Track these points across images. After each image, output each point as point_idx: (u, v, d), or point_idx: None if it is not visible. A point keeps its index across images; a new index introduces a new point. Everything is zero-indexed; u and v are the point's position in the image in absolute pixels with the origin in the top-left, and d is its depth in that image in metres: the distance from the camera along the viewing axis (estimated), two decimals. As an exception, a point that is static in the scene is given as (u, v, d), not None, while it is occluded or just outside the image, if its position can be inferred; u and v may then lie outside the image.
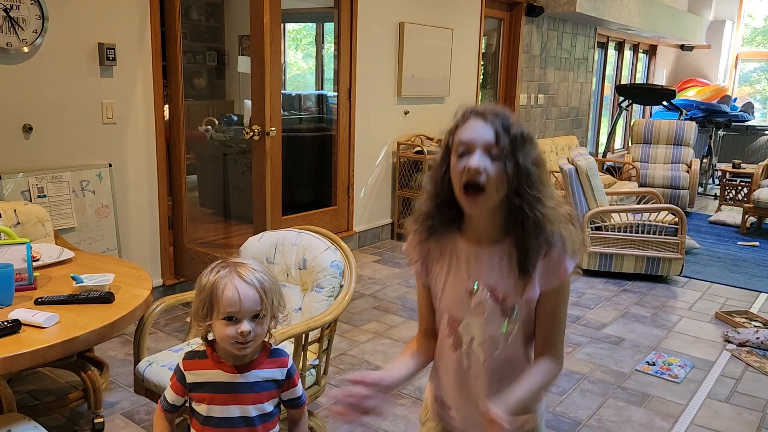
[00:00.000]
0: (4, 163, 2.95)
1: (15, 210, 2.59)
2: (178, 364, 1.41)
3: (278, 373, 1.41)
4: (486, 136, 1.11)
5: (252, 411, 1.37)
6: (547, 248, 1.16)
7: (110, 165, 3.33)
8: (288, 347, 2.02)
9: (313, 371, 2.10)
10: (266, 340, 1.41)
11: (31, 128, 3.01)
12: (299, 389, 1.46)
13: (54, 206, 3.06)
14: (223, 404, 1.36)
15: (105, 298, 1.87)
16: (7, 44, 2.86)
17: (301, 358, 1.98)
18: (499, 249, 1.20)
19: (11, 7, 2.85)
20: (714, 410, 2.79)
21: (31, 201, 2.94)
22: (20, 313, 1.73)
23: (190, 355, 1.41)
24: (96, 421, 2.46)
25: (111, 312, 1.80)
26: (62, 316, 1.74)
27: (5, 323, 1.64)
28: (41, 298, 1.87)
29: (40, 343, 1.61)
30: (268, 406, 1.40)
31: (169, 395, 1.42)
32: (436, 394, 1.38)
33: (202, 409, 1.38)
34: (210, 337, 1.39)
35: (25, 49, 2.93)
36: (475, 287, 1.22)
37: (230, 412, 1.36)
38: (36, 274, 2.02)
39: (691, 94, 10.28)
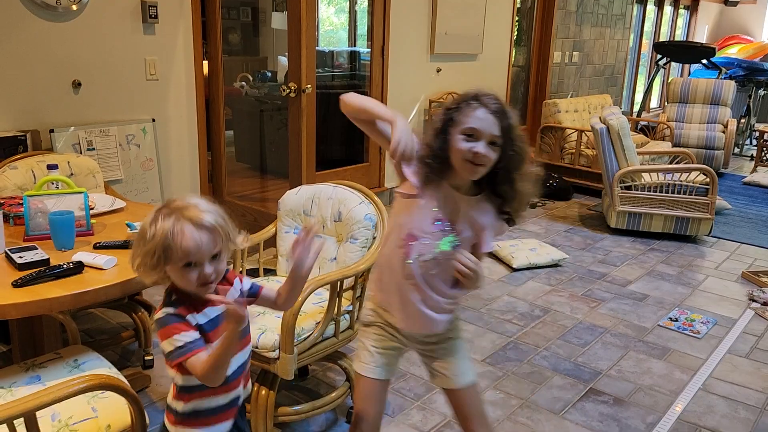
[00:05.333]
0: (56, 117, 3.11)
1: (68, 162, 2.75)
2: (169, 315, 1.29)
3: (237, 283, 1.42)
4: (493, 131, 1.42)
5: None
6: (502, 203, 1.51)
7: (153, 120, 3.48)
8: (324, 294, 2.17)
9: (347, 316, 2.24)
10: None
11: (79, 84, 3.16)
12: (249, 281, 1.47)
13: (102, 159, 3.22)
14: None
15: (157, 244, 2.02)
16: (56, 2, 2.98)
17: (336, 304, 2.12)
18: (476, 200, 1.52)
19: (60, -35, 2.97)
20: (733, 364, 2.88)
21: (81, 153, 3.10)
22: (82, 255, 1.88)
23: (173, 320, 1.29)
24: (146, 358, 2.67)
25: (163, 257, 1.95)
26: (119, 260, 1.89)
27: (70, 264, 1.80)
28: (99, 242, 2.02)
29: (101, 283, 1.76)
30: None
31: (190, 336, 1.28)
32: (381, 299, 1.66)
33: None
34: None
35: (74, 7, 3.05)
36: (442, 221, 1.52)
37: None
38: (93, 221, 2.18)
39: (732, 51, 9.98)
